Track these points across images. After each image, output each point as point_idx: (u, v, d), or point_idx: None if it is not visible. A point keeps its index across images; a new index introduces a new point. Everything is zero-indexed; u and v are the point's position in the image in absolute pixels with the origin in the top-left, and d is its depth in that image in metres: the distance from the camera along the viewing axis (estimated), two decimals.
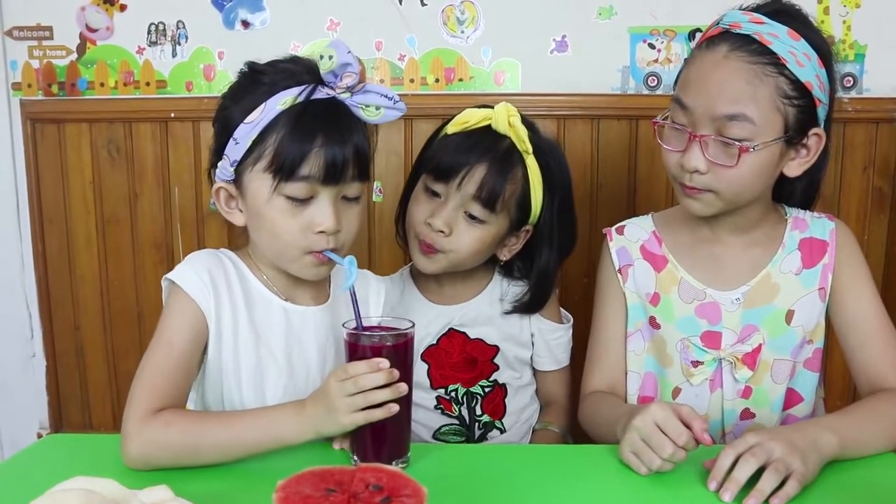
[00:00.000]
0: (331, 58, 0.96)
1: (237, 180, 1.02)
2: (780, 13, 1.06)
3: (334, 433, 0.93)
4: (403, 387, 0.91)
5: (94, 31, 1.81)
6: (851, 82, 1.73)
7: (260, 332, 1.05)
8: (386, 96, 1.00)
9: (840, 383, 1.74)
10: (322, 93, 0.98)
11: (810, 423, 1.02)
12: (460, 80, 1.77)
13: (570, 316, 1.40)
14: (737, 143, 1.04)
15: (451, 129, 1.25)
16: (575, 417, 1.27)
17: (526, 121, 1.24)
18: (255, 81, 1.00)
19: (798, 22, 1.06)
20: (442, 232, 1.22)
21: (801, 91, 1.04)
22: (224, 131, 1.01)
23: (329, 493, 0.74)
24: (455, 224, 1.22)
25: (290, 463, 0.86)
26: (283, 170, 0.96)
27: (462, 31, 1.76)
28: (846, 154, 1.73)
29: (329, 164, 0.96)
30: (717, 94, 1.04)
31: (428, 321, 1.31)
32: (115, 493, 0.77)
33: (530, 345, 1.36)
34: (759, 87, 1.03)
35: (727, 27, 1.06)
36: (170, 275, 1.02)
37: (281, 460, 0.93)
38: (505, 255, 1.30)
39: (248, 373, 1.04)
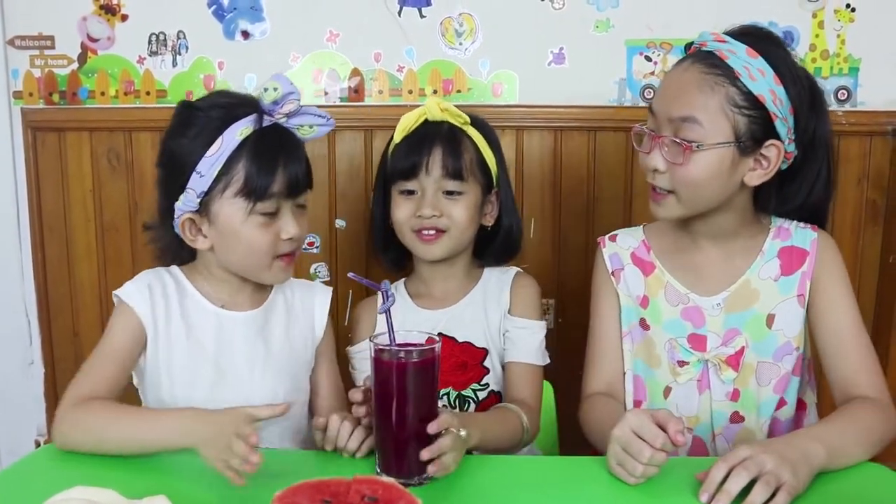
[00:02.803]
0: (275, 89, 1.10)
1: (202, 210, 1.12)
2: (751, 35, 1.14)
3: (204, 458, 0.95)
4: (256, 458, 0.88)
5: (95, 40, 1.82)
6: (845, 95, 1.74)
7: (192, 336, 1.16)
8: (320, 116, 1.15)
9: None
10: (267, 120, 1.12)
11: (799, 434, 1.04)
12: (458, 91, 1.78)
13: (544, 322, 1.38)
14: (685, 142, 1.11)
15: (398, 136, 1.34)
16: (540, 429, 1.30)
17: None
18: (207, 117, 1.11)
19: (767, 43, 1.13)
20: (435, 216, 1.30)
21: (752, 102, 1.10)
22: (180, 169, 1.11)
23: None
24: (440, 205, 1.31)
25: (288, 474, 0.87)
26: (256, 192, 1.09)
27: (460, 43, 1.78)
28: (840, 167, 1.74)
29: (291, 181, 1.12)
30: (673, 99, 1.14)
31: (415, 325, 1.32)
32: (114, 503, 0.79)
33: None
34: (709, 95, 1.11)
35: (698, 46, 1.17)
36: (116, 291, 1.17)
37: (278, 471, 0.94)
38: (488, 221, 1.39)
39: (180, 373, 1.15)
